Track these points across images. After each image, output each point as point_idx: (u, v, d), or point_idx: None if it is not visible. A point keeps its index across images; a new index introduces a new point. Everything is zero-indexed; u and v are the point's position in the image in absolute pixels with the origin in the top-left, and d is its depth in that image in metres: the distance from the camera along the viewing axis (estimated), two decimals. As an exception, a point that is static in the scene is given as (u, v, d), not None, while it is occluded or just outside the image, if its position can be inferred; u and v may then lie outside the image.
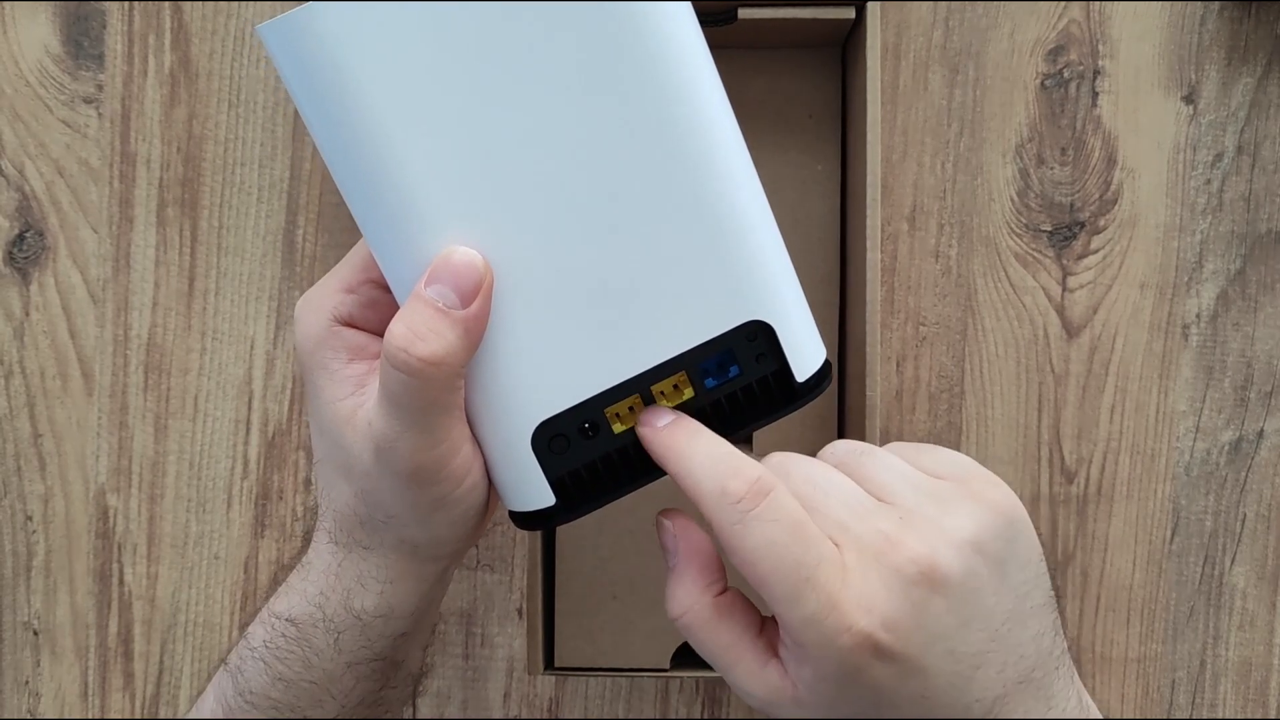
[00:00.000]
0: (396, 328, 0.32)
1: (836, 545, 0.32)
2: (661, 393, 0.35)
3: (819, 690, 0.32)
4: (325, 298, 0.37)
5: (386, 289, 0.36)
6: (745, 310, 0.34)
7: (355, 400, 0.35)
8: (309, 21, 0.31)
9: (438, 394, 0.33)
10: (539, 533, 0.46)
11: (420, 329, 0.32)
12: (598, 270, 0.33)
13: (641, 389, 0.35)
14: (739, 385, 0.35)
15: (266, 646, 0.39)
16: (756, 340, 0.35)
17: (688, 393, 0.35)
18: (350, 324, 0.36)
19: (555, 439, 0.35)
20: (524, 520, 0.36)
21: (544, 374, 0.34)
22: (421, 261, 0.33)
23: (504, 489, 0.36)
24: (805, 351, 0.36)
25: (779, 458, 0.35)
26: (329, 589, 0.38)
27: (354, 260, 0.37)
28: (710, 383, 0.35)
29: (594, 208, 0.33)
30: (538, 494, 0.35)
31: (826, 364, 0.37)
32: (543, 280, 0.33)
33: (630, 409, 0.35)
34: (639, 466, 0.36)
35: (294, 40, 0.32)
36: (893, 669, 0.31)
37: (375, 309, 0.36)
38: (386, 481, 0.35)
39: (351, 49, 0.31)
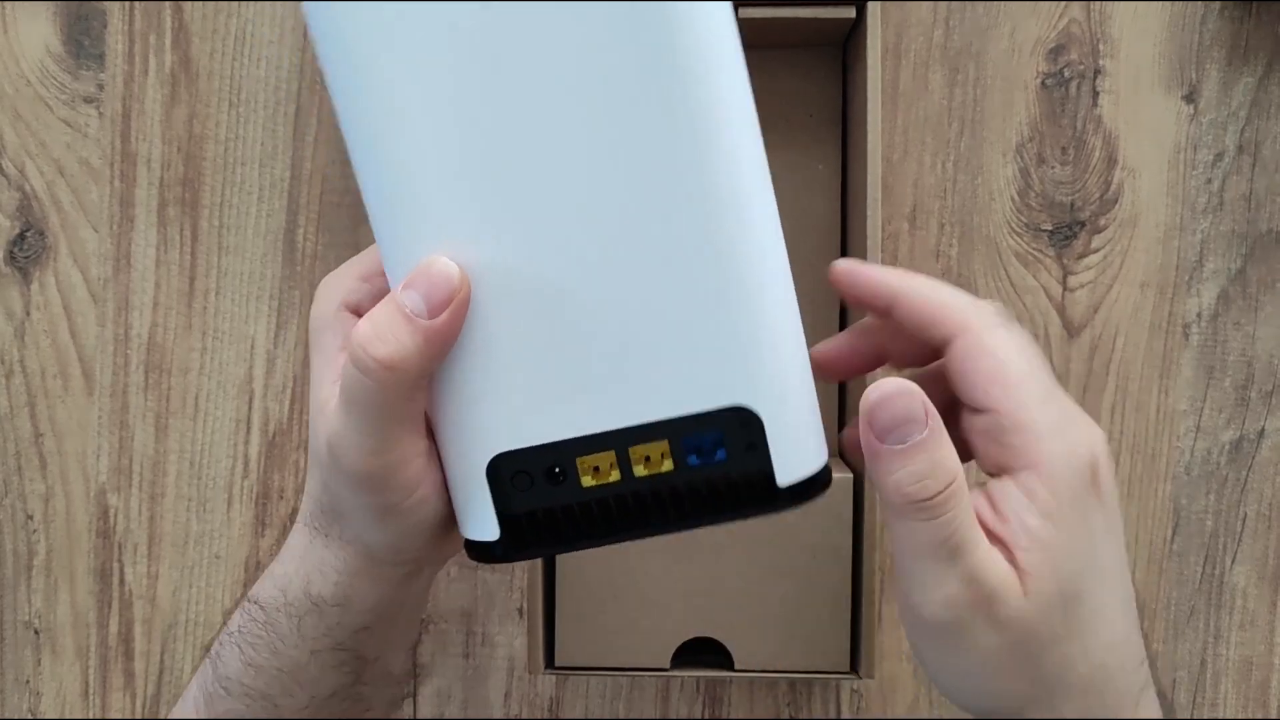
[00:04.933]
0: (363, 325, 0.32)
1: None
2: (645, 458, 0.32)
3: (1043, 539, 0.31)
4: (340, 281, 0.36)
5: None
6: (735, 392, 0.31)
7: (333, 390, 0.34)
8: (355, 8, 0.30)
9: (391, 400, 0.32)
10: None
11: (383, 330, 0.31)
12: (593, 308, 0.31)
13: (619, 447, 0.32)
14: (721, 473, 0.32)
15: (240, 631, 0.39)
16: (749, 428, 0.32)
17: (666, 465, 0.32)
18: (358, 312, 0.36)
19: (518, 475, 0.32)
20: (469, 548, 0.35)
21: (514, 404, 0.32)
22: (412, 262, 0.31)
23: (456, 510, 0.35)
24: (797, 452, 0.32)
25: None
26: (293, 573, 0.38)
27: (375, 250, 0.36)
28: (693, 460, 0.32)
29: (600, 240, 0.30)
30: (483, 525, 0.33)
31: (823, 471, 0.33)
32: (532, 307, 0.31)
33: (606, 466, 0.32)
34: (601, 526, 0.33)
35: (335, 20, 0.30)
36: (1105, 519, 0.32)
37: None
38: (340, 478, 0.34)
39: (387, 37, 0.30)
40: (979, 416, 0.33)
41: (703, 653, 0.48)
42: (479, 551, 0.34)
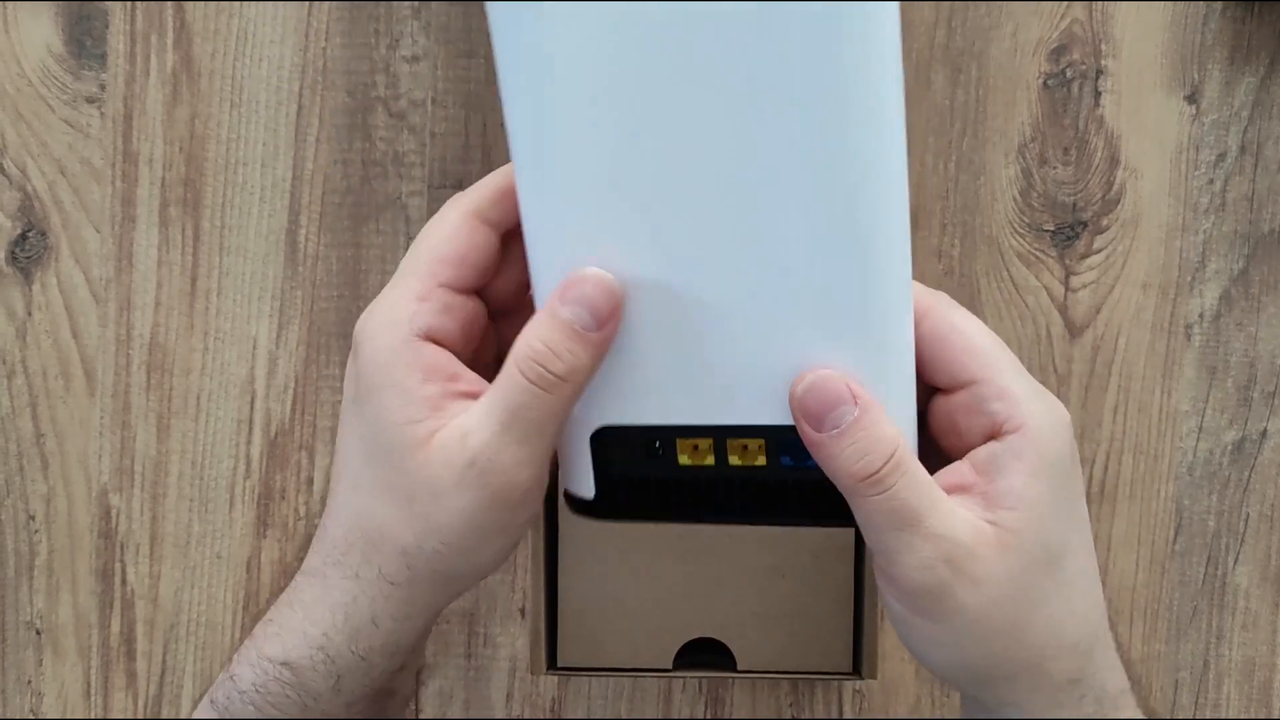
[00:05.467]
0: (534, 344, 0.32)
1: None
2: (743, 447, 0.34)
3: (1028, 498, 0.32)
4: (400, 310, 0.35)
5: (459, 292, 0.35)
6: None
7: (433, 423, 0.34)
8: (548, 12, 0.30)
9: (563, 410, 0.33)
10: (542, 531, 0.46)
11: (558, 348, 0.32)
12: (719, 316, 0.32)
13: (717, 435, 0.34)
14: (811, 478, 0.33)
15: (258, 691, 0.37)
16: None
17: (760, 459, 0.34)
18: (429, 336, 0.34)
19: (621, 445, 0.34)
20: (570, 500, 0.37)
21: (626, 386, 0.34)
22: (565, 265, 0.32)
23: (562, 464, 0.36)
24: None
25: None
26: (333, 629, 0.36)
27: (419, 267, 0.35)
28: (786, 460, 0.34)
29: (737, 251, 0.31)
30: (583, 483, 0.36)
31: None
32: (663, 308, 0.32)
33: (704, 448, 0.34)
34: (689, 504, 0.35)
35: (525, 23, 0.31)
36: (1078, 486, 0.33)
37: (451, 314, 0.35)
38: (462, 503, 0.34)
39: (578, 41, 0.30)
40: (956, 395, 0.33)
41: (705, 653, 0.48)
42: (577, 505, 0.36)
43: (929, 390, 0.35)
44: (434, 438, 0.33)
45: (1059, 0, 0.53)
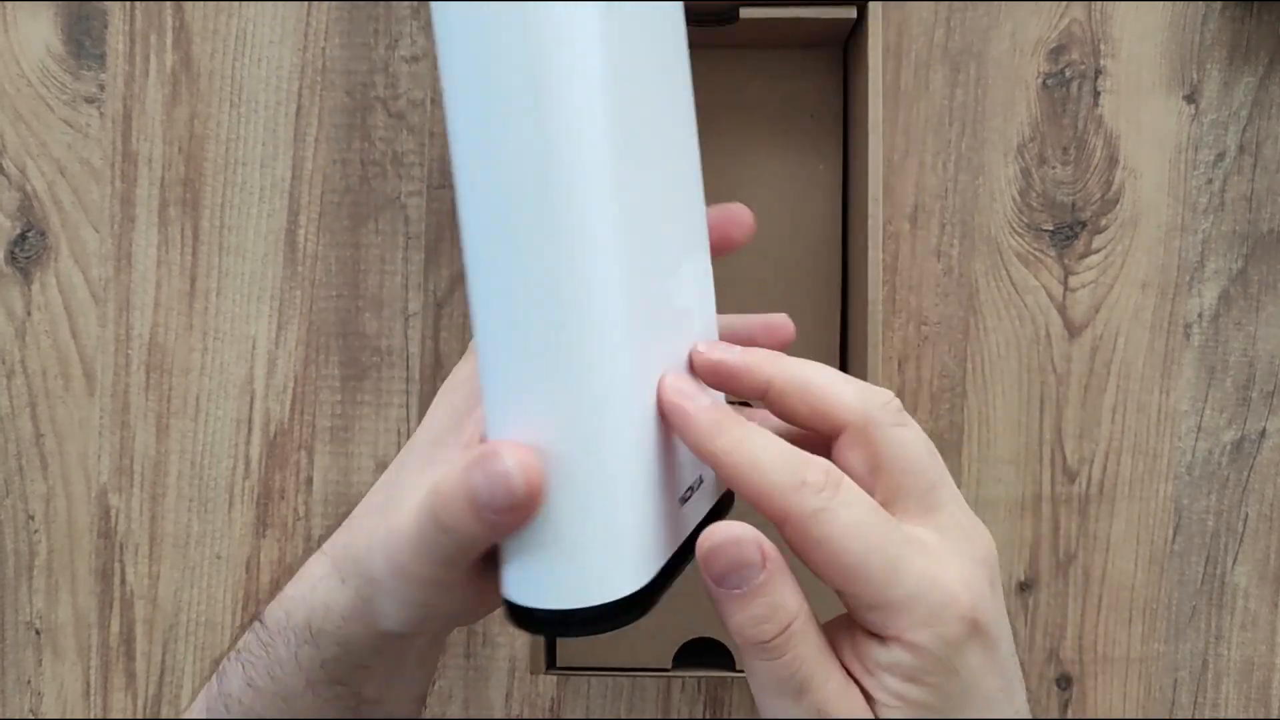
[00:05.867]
0: (434, 495, 0.31)
1: None
2: None
3: (910, 698, 0.31)
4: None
5: None
6: None
7: (457, 454, 0.34)
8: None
9: (461, 552, 0.32)
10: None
11: (454, 507, 0.31)
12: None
13: None
14: None
15: (244, 649, 0.39)
16: None
17: None
18: None
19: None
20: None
21: None
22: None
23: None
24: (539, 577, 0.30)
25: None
26: (300, 600, 0.37)
27: None
28: None
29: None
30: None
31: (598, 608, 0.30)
32: None
33: None
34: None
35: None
36: (983, 650, 0.31)
37: None
38: (406, 559, 0.33)
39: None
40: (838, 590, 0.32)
41: (704, 653, 0.48)
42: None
43: None
44: (424, 472, 0.34)
45: (1058, 0, 0.53)
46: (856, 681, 0.32)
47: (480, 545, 0.31)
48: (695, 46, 0.53)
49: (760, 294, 0.52)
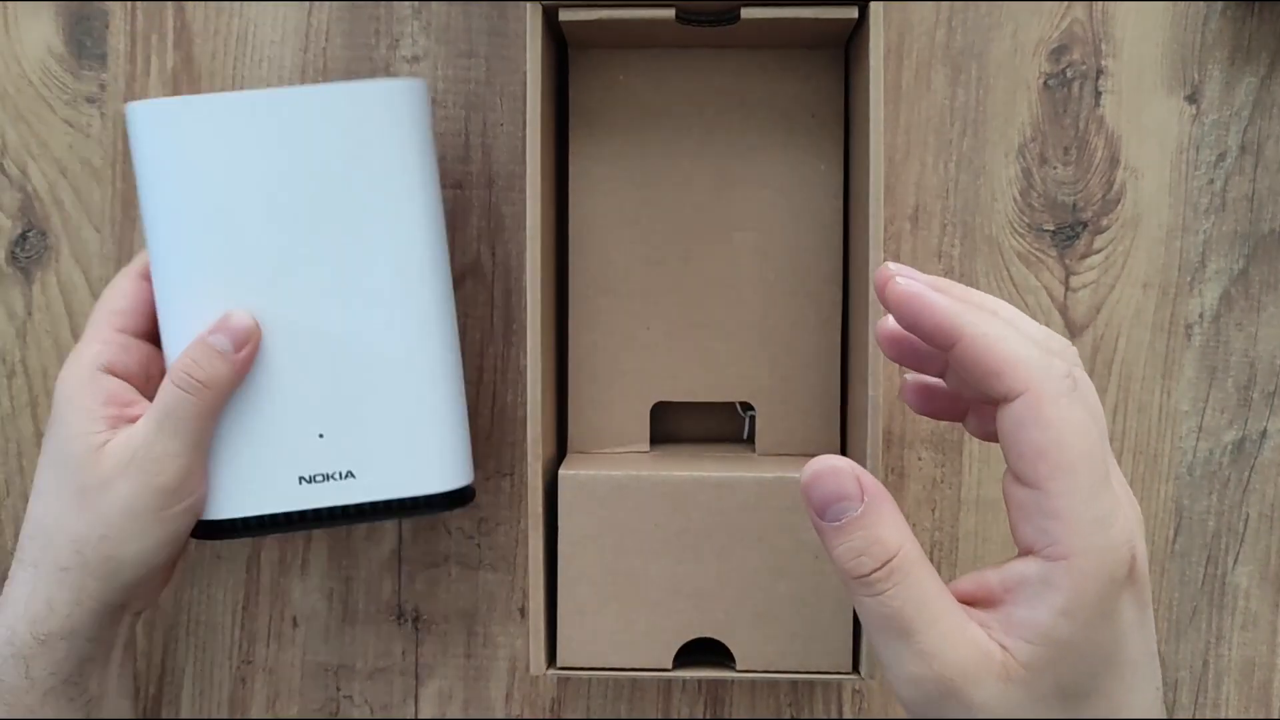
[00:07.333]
0: (184, 359, 0.43)
1: None
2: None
3: (1053, 637, 0.29)
4: (84, 351, 0.45)
5: (134, 335, 0.46)
6: None
7: (107, 434, 0.43)
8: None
9: (205, 410, 0.43)
10: (541, 531, 0.46)
11: (203, 362, 0.43)
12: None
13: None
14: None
15: None
16: None
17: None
18: (110, 370, 0.45)
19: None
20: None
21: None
22: (202, 319, 0.44)
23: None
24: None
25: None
26: (16, 619, 0.43)
27: (99, 319, 0.47)
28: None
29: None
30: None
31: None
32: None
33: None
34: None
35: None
36: (1137, 606, 0.30)
37: (128, 353, 0.46)
38: (123, 491, 0.42)
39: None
40: (1020, 487, 0.31)
41: (704, 653, 0.48)
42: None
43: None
44: (106, 445, 0.43)
45: (1059, 0, 0.53)
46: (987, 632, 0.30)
47: (226, 397, 0.44)
48: (696, 46, 0.53)
49: (760, 294, 0.52)
